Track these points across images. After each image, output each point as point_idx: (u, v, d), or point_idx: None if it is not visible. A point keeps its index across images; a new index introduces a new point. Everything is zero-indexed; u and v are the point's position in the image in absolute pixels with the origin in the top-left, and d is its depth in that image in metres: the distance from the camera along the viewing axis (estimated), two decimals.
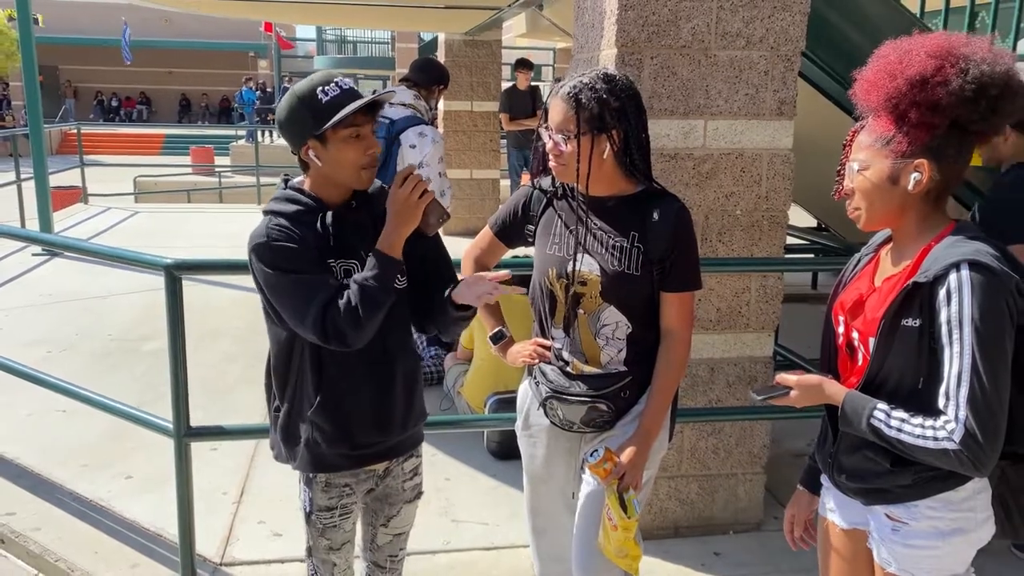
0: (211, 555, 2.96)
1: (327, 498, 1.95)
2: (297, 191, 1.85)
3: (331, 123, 1.73)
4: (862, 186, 1.61)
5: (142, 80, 33.92)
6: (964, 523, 1.62)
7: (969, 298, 1.47)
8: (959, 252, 1.51)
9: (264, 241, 1.77)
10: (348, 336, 1.74)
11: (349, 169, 1.79)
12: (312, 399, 1.87)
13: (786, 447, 3.88)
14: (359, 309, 1.73)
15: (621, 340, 1.97)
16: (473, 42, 8.77)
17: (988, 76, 1.49)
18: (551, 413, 2.04)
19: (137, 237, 8.55)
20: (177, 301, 2.58)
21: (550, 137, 1.93)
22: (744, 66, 2.84)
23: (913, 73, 1.51)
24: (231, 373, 4.78)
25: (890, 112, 1.55)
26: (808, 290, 6.82)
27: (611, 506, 1.88)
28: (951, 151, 1.55)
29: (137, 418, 2.84)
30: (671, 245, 1.92)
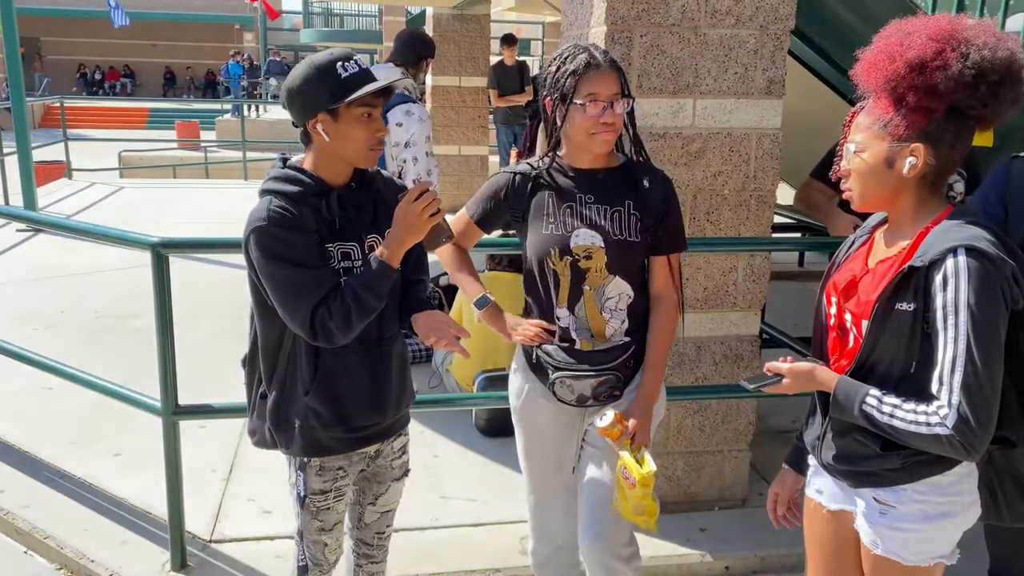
0: (200, 532, 2.98)
1: (321, 481, 1.95)
2: (298, 171, 1.82)
3: (350, 98, 1.72)
4: (858, 167, 1.61)
5: (126, 53, 33.43)
6: (951, 507, 1.64)
7: (966, 284, 1.47)
8: (956, 237, 1.51)
9: (264, 225, 1.74)
10: (335, 336, 1.76)
11: (357, 147, 1.78)
12: (307, 383, 1.86)
13: (771, 424, 3.92)
14: (351, 313, 1.74)
15: (623, 311, 2.02)
16: (461, 16, 8.70)
17: (989, 61, 1.48)
18: (562, 391, 2.05)
19: (123, 213, 8.48)
20: (163, 280, 2.56)
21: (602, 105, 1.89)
22: (733, 45, 2.83)
23: (912, 56, 1.50)
24: (218, 350, 4.76)
25: (889, 94, 1.55)
26: (795, 268, 6.86)
27: (627, 465, 1.93)
28: (948, 136, 1.54)
29: (125, 396, 2.83)
30: (663, 209, 2.01)
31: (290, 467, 1.99)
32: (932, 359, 1.52)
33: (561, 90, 1.92)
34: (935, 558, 1.67)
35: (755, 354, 3.17)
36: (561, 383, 2.04)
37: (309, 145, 1.83)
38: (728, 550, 2.99)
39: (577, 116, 1.92)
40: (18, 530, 3.05)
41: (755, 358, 3.17)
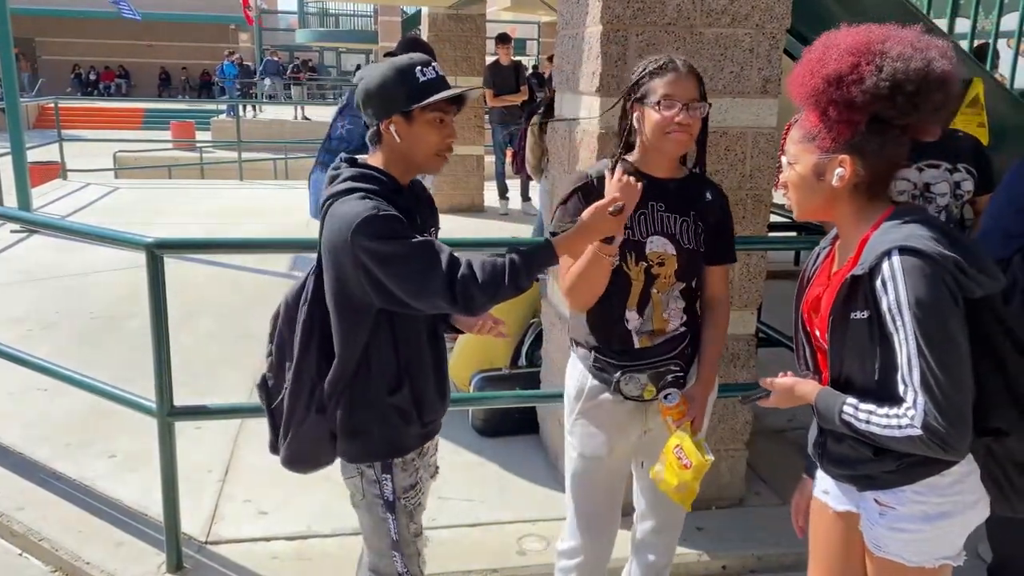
0: (196, 533, 2.97)
1: (407, 476, 1.92)
2: (373, 169, 1.81)
3: (426, 102, 1.74)
4: (792, 180, 1.66)
5: (120, 53, 33.37)
6: (951, 507, 1.64)
7: (903, 284, 1.49)
8: (891, 239, 1.53)
9: (373, 214, 1.69)
10: (475, 301, 1.70)
11: (427, 151, 1.80)
12: (392, 381, 1.85)
13: (768, 424, 3.92)
14: (503, 285, 1.71)
15: (680, 310, 2.13)
16: (457, 16, 8.68)
17: (903, 72, 1.50)
18: (628, 387, 2.11)
19: (117, 213, 8.45)
20: (159, 281, 2.55)
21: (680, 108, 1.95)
22: (729, 44, 2.83)
23: (830, 71, 1.53)
24: (213, 351, 4.76)
25: (813, 108, 1.58)
26: (791, 267, 6.86)
27: (685, 448, 2.03)
28: (874, 146, 1.57)
29: (120, 398, 2.82)
30: (721, 222, 2.13)
31: (359, 480, 1.92)
32: (893, 362, 1.54)
33: (639, 91, 2.01)
34: (939, 559, 1.67)
35: (752, 353, 3.17)
36: (627, 379, 2.11)
37: (378, 145, 1.84)
38: (725, 549, 2.99)
39: (653, 116, 1.99)
40: (13, 532, 3.04)
41: (752, 357, 3.17)
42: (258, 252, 3.89)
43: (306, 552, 2.91)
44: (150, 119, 24.24)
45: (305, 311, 1.85)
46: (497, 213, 8.98)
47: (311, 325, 1.85)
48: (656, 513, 2.32)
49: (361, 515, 1.98)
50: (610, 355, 2.13)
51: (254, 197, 9.93)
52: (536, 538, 3.01)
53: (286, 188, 10.80)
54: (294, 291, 1.91)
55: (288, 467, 1.97)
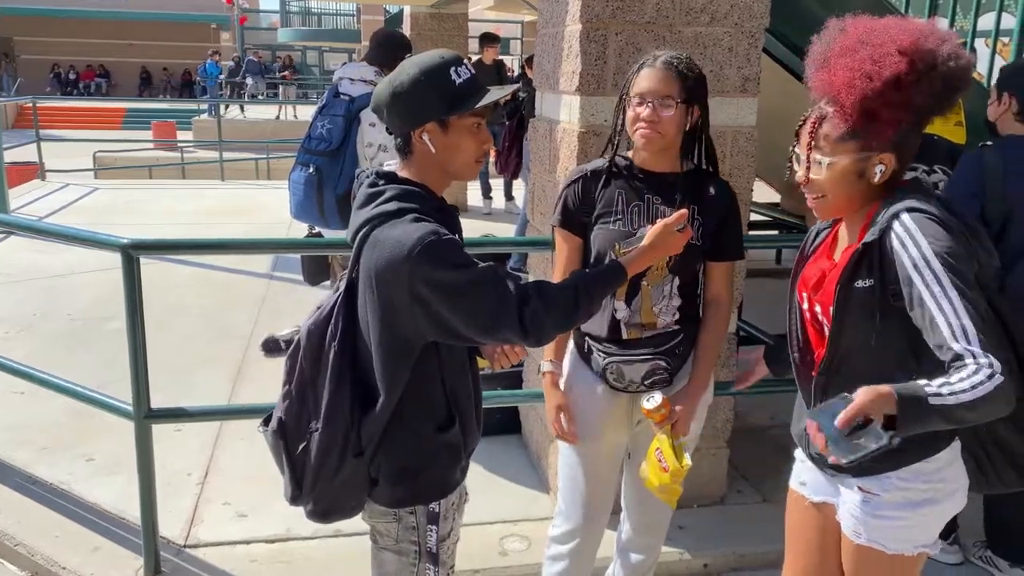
0: (175, 537, 2.94)
1: (449, 524, 1.78)
2: (414, 184, 1.65)
3: (469, 108, 1.59)
4: (828, 179, 1.63)
5: (101, 52, 33.05)
6: (934, 493, 1.66)
7: (922, 236, 1.52)
8: (895, 206, 1.58)
9: (435, 239, 1.51)
10: (546, 329, 1.59)
11: (465, 159, 1.66)
12: (442, 417, 1.70)
13: (750, 422, 3.93)
14: (579, 309, 1.63)
15: (674, 307, 2.12)
16: (439, 15, 8.66)
17: (953, 71, 1.54)
18: (613, 377, 2.13)
19: (97, 214, 8.37)
20: (135, 282, 2.52)
21: (646, 103, 1.97)
22: (708, 43, 2.83)
23: (889, 75, 1.54)
24: (193, 353, 4.71)
25: (860, 110, 1.57)
26: (772, 265, 6.89)
27: (664, 452, 2.02)
28: (912, 141, 1.61)
29: (96, 400, 2.79)
30: (725, 218, 2.11)
31: (395, 525, 1.74)
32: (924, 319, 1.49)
33: (624, 87, 2.06)
34: (918, 547, 1.69)
35: (732, 351, 3.18)
36: (611, 368, 2.12)
37: (409, 157, 1.66)
38: (707, 548, 2.99)
39: (627, 112, 2.04)
40: None
41: (732, 356, 3.18)
42: (234, 253, 3.85)
43: (286, 554, 2.89)
44: (131, 119, 24.03)
45: (336, 346, 1.65)
46: (481, 213, 8.96)
47: (342, 362, 1.65)
48: (642, 513, 2.33)
49: (384, 556, 1.79)
50: (600, 342, 2.14)
51: (235, 197, 9.86)
52: (518, 538, 3.00)
53: (267, 188, 10.73)
54: (317, 324, 1.70)
55: (316, 519, 1.76)
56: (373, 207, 1.61)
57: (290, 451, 1.71)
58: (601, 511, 2.30)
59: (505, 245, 4.22)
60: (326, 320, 1.69)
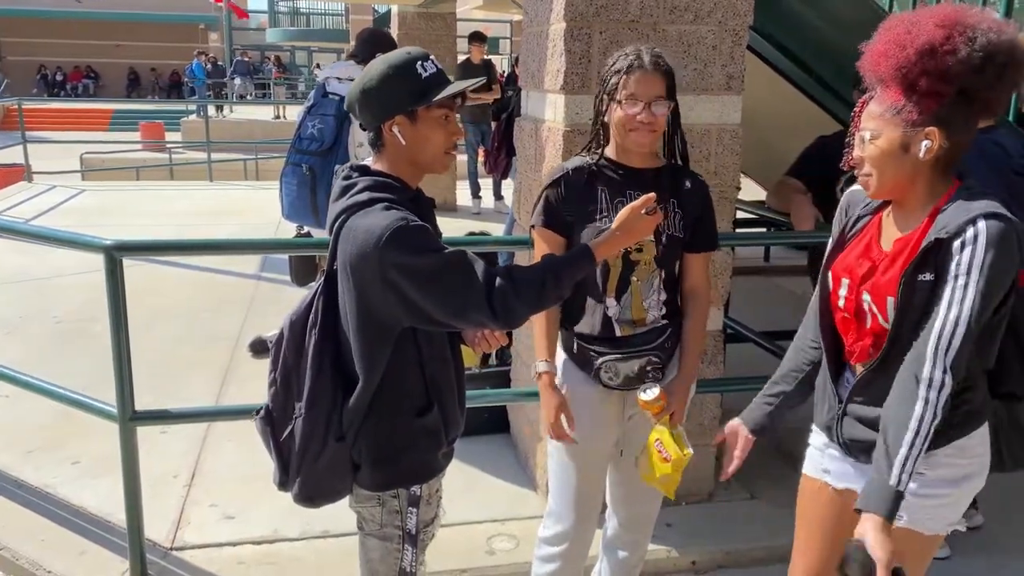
0: (161, 540, 2.92)
1: (431, 509, 1.85)
2: (388, 176, 1.71)
3: (434, 99, 1.65)
4: (873, 155, 1.65)
5: (88, 53, 32.89)
6: (972, 468, 1.70)
7: (983, 246, 1.53)
8: (974, 207, 1.57)
9: (403, 225, 1.57)
10: (516, 312, 1.63)
11: (434, 150, 1.72)
12: (421, 402, 1.75)
13: None
14: (546, 293, 1.66)
15: (660, 302, 2.16)
16: (427, 14, 8.65)
17: (995, 44, 1.54)
18: (607, 375, 2.14)
19: (84, 216, 8.33)
20: (117, 283, 2.51)
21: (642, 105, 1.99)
22: (692, 41, 2.84)
23: (922, 43, 1.55)
24: (180, 354, 4.70)
25: (899, 82, 1.59)
26: (761, 263, 6.92)
27: (664, 442, 2.06)
28: (959, 119, 1.60)
29: (80, 403, 2.77)
30: (701, 210, 2.16)
31: (378, 510, 1.80)
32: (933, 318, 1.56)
33: (606, 87, 2.05)
34: (950, 525, 1.72)
35: (719, 349, 3.18)
36: (607, 367, 2.13)
37: (381, 150, 1.73)
38: (694, 545, 3.00)
39: (618, 113, 2.03)
40: None
41: (719, 353, 3.18)
42: (217, 253, 3.86)
43: (273, 556, 2.88)
44: (118, 120, 23.89)
45: (316, 335, 1.71)
46: (470, 212, 8.95)
47: (322, 348, 1.71)
48: (629, 508, 2.33)
49: (369, 542, 1.86)
50: (592, 342, 2.14)
51: (224, 198, 9.83)
52: (506, 537, 3.00)
53: (256, 188, 10.70)
54: (299, 313, 1.77)
55: (302, 503, 1.81)
56: (347, 198, 1.67)
57: (276, 437, 1.78)
58: (593, 510, 2.30)
59: (492, 244, 4.20)
60: (307, 310, 1.75)
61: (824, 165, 3.18)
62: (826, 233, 2.98)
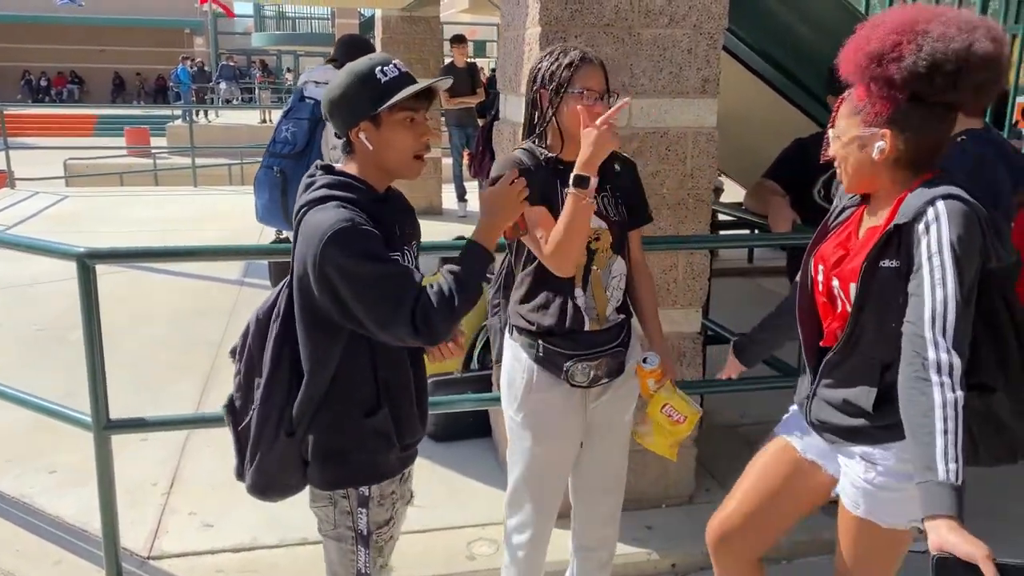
0: (138, 549, 2.90)
1: (384, 511, 1.85)
2: (350, 177, 1.74)
3: (389, 103, 1.66)
4: (839, 152, 1.72)
5: (72, 58, 32.71)
6: None
7: (947, 224, 1.55)
8: (933, 192, 1.60)
9: (349, 225, 1.60)
10: (439, 329, 1.64)
11: (401, 155, 1.72)
12: (370, 403, 1.76)
13: (720, 420, 3.95)
14: (455, 301, 1.65)
15: (620, 291, 2.19)
16: (411, 18, 8.64)
17: (941, 53, 1.55)
18: (579, 375, 2.14)
19: (66, 222, 8.28)
20: (91, 292, 2.49)
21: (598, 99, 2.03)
22: (667, 44, 2.84)
23: (872, 49, 1.59)
24: (162, 361, 4.67)
25: (860, 83, 1.64)
26: (744, 264, 6.94)
27: (676, 405, 2.13)
28: (915, 121, 1.61)
29: (53, 411, 2.75)
30: (634, 188, 2.23)
31: (331, 510, 1.83)
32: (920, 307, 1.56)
33: (557, 82, 2.03)
34: (912, 521, 1.73)
35: (698, 351, 3.19)
36: (581, 368, 2.13)
37: (351, 155, 1.77)
38: (675, 548, 3.00)
39: (570, 107, 2.03)
40: None
41: (698, 355, 3.19)
42: (192, 260, 3.82)
43: (252, 564, 2.86)
44: (103, 125, 23.77)
45: (277, 327, 1.75)
46: (455, 215, 8.95)
47: (283, 341, 1.74)
48: (595, 505, 2.34)
49: (328, 544, 1.89)
50: (560, 340, 2.13)
51: (208, 203, 9.78)
52: (486, 542, 3.00)
53: (240, 193, 10.63)
54: (265, 306, 1.81)
55: (254, 495, 1.84)
56: (306, 195, 1.72)
57: (236, 426, 1.83)
58: (557, 501, 2.32)
59: None
60: (272, 303, 1.80)
61: (802, 167, 3.20)
62: (803, 235, 3.02)
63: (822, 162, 1.85)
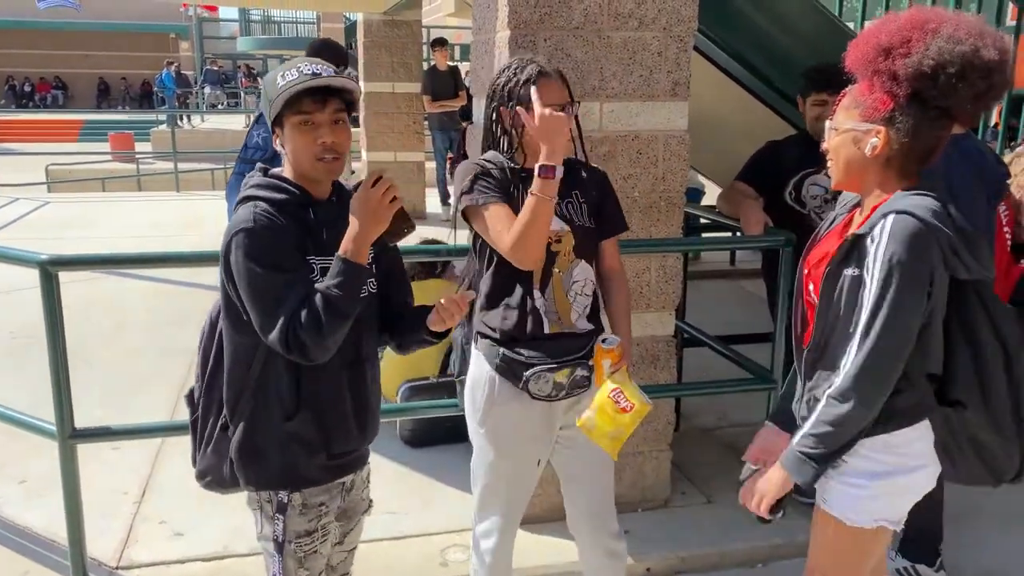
0: (107, 559, 2.87)
1: (305, 521, 1.82)
2: (281, 179, 1.76)
3: (275, 111, 1.68)
4: (833, 144, 1.71)
5: (57, 63, 32.49)
6: (895, 466, 1.71)
7: (887, 241, 1.56)
8: (894, 205, 1.60)
9: (251, 227, 1.65)
10: (309, 349, 1.63)
11: (305, 157, 1.71)
12: (290, 407, 1.74)
13: (696, 423, 3.94)
14: (322, 320, 1.62)
15: (588, 296, 2.16)
16: (392, 22, 8.62)
17: (948, 54, 1.54)
18: (537, 386, 2.09)
19: (46, 229, 8.22)
20: (54, 300, 2.47)
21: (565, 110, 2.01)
22: (637, 47, 2.84)
23: (881, 41, 1.59)
24: (138, 368, 4.63)
25: (863, 76, 1.64)
26: (726, 267, 6.95)
27: (627, 392, 2.01)
28: (910, 122, 1.60)
29: (17, 420, 2.72)
30: (602, 196, 2.21)
31: (259, 513, 1.84)
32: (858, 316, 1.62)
33: (517, 98, 2.04)
34: (878, 520, 1.73)
35: (672, 354, 3.18)
36: (536, 377, 2.08)
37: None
38: (650, 551, 2.98)
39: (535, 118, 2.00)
40: None
41: (672, 358, 3.18)
42: (161, 266, 3.80)
43: (222, 573, 2.83)
44: (88, 131, 23.64)
45: (222, 320, 1.79)
46: (439, 219, 8.93)
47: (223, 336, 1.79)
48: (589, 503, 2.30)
49: (263, 546, 1.89)
50: (520, 346, 2.09)
51: (190, 208, 9.73)
52: (460, 548, 2.97)
53: (223, 199, 10.58)
54: (217, 306, 1.84)
55: (199, 482, 1.90)
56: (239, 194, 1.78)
57: (192, 416, 1.90)
58: (519, 510, 2.30)
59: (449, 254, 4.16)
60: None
61: (774, 169, 3.21)
62: (774, 237, 3.02)
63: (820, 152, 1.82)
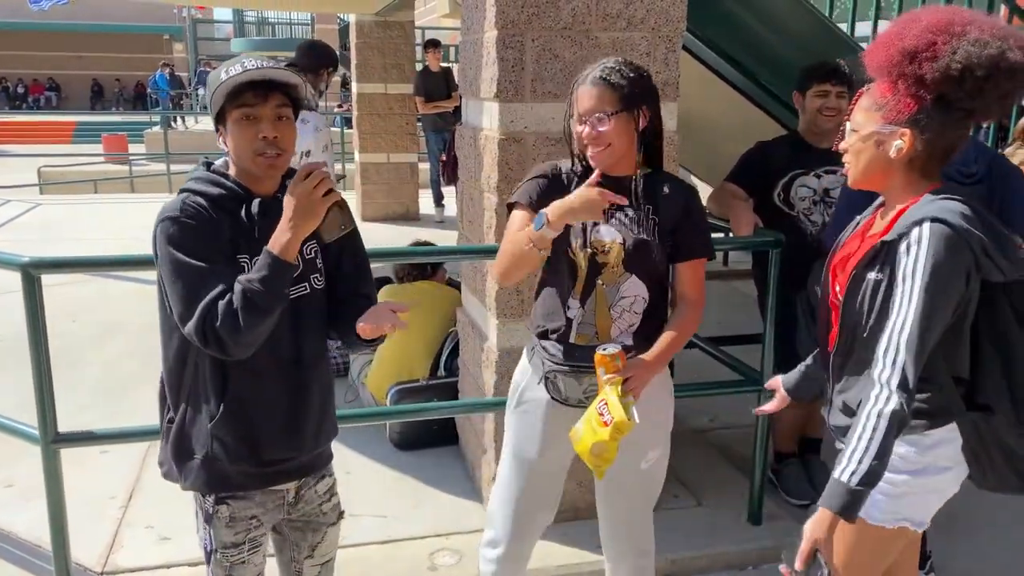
0: (92, 564, 2.84)
1: (232, 534, 1.80)
2: (221, 175, 1.73)
3: (216, 103, 1.67)
4: (853, 146, 1.70)
5: (50, 65, 32.41)
6: (923, 467, 1.70)
7: (926, 249, 1.55)
8: (926, 211, 1.59)
9: (175, 216, 1.63)
10: (226, 344, 1.58)
11: (245, 153, 1.67)
12: (213, 408, 1.70)
13: (689, 425, 3.92)
14: (239, 315, 1.56)
15: (638, 315, 2.05)
16: (385, 23, 8.59)
17: (976, 57, 1.54)
18: (552, 387, 2.08)
19: (36, 231, 8.18)
20: (36, 303, 2.45)
21: (584, 122, 1.97)
22: (626, 48, 2.82)
23: (907, 45, 1.58)
24: (128, 371, 4.60)
25: (886, 79, 1.63)
26: (720, 267, 6.94)
27: (609, 404, 1.87)
28: (935, 125, 1.60)
29: (0, 424, 2.69)
30: (683, 215, 2.06)
31: (197, 516, 1.83)
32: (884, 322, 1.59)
33: (567, 109, 2.05)
34: (900, 520, 1.73)
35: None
36: (551, 379, 2.06)
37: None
38: None
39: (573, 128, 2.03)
40: None
41: None
42: (146, 269, 3.74)
43: None
44: (81, 133, 23.56)
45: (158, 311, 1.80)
46: (433, 221, 8.91)
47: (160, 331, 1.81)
48: (619, 510, 2.27)
49: None
50: (549, 346, 2.08)
51: None
52: (449, 552, 2.95)
53: None
54: None
55: (160, 470, 1.88)
56: None
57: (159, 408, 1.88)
58: (532, 524, 2.24)
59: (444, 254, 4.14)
60: None
61: (763, 170, 3.19)
62: (764, 238, 3.01)
63: (833, 150, 1.82)
